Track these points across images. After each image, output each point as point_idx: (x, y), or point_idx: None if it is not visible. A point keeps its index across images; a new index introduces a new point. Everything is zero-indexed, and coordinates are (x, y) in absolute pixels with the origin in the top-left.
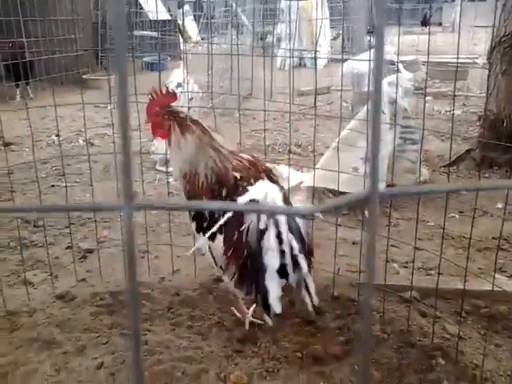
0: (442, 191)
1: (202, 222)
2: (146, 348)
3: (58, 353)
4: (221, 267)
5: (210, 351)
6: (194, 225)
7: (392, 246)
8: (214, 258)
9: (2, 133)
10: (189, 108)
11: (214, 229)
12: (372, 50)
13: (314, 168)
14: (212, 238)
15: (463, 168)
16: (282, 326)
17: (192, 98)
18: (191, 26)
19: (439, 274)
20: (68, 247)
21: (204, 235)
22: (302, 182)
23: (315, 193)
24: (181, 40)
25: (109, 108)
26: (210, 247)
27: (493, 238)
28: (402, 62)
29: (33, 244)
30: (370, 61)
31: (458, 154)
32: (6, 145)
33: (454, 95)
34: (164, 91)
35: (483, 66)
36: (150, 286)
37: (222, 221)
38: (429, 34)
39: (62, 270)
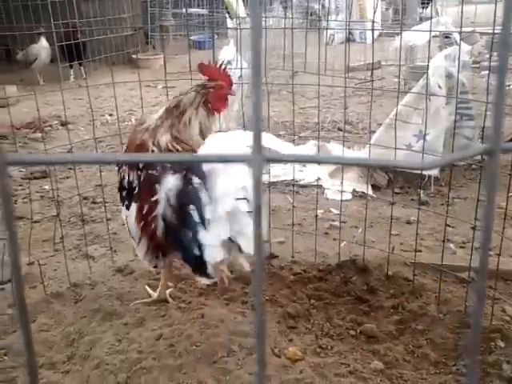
0: None
1: (122, 191)
2: (203, 321)
3: (119, 323)
4: (133, 238)
5: None
6: (118, 195)
7: (448, 225)
8: (128, 228)
9: (62, 112)
10: (241, 85)
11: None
12: (426, 22)
13: (367, 145)
14: (127, 207)
15: None
16: (335, 304)
17: (241, 76)
18: (238, 2)
19: (498, 254)
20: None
21: (123, 205)
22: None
23: (367, 171)
24: (227, 17)
25: (159, 87)
26: (126, 217)
27: None
28: (458, 33)
29: (92, 220)
30: (427, 32)
31: None
32: (63, 124)
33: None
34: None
35: None
36: None
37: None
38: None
39: (120, 245)
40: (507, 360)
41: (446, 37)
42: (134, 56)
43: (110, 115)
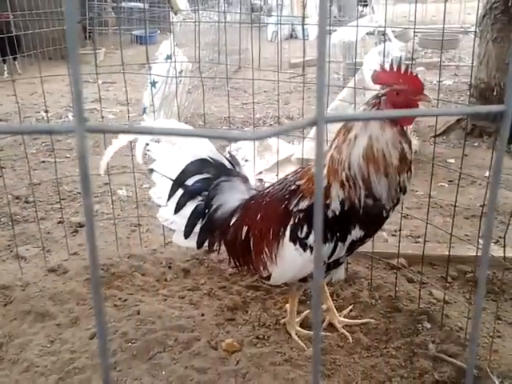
0: None
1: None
2: (139, 318)
3: (51, 324)
4: None
5: (201, 320)
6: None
7: None
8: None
9: None
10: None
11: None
12: (361, 19)
13: (303, 139)
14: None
15: (453, 138)
16: (272, 294)
17: (182, 71)
18: None
19: (425, 241)
20: (59, 222)
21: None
22: (292, 155)
23: (306, 164)
24: (171, 12)
25: (99, 82)
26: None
27: (480, 205)
28: (392, 31)
29: (24, 220)
30: (357, 28)
31: (448, 124)
32: None
33: (441, 65)
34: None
35: (474, 33)
36: (142, 258)
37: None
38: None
39: (53, 245)
40: (432, 340)
41: (383, 34)
42: None
43: (46, 112)
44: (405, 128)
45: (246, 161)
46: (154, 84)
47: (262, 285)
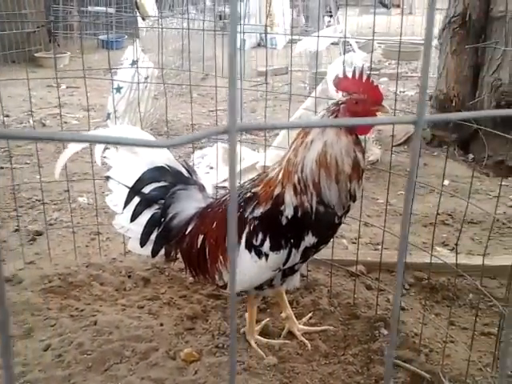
0: None
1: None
2: (95, 328)
3: None
4: None
5: (160, 330)
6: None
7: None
8: None
9: None
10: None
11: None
12: (326, 29)
13: (266, 148)
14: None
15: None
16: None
17: (148, 77)
18: (148, 2)
19: (383, 247)
20: (16, 230)
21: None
22: (257, 162)
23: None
24: (139, 17)
25: (63, 87)
26: None
27: (437, 214)
28: (356, 42)
29: None
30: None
31: (409, 134)
32: None
33: (397, 75)
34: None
35: (435, 46)
36: (101, 267)
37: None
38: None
39: (9, 253)
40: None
41: (349, 44)
42: (36, 54)
43: (7, 116)
44: (360, 137)
45: (211, 168)
46: (118, 89)
47: (223, 293)
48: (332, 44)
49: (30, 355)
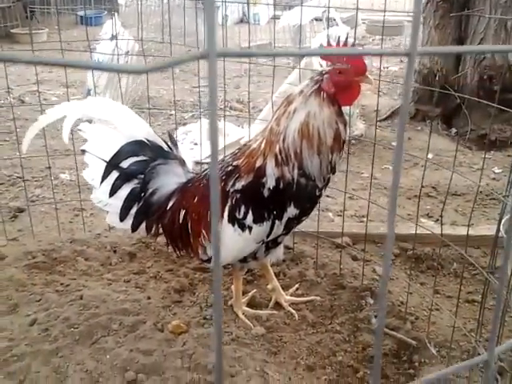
0: None
1: None
2: (82, 303)
3: None
4: None
5: (147, 303)
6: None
7: (327, 196)
8: None
9: None
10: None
11: None
12: (309, 1)
13: (250, 121)
14: None
15: (398, 122)
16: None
17: (128, 52)
18: None
19: (369, 220)
20: None
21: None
22: (242, 138)
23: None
24: None
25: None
26: None
27: (422, 186)
28: (340, 17)
29: None
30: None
31: (393, 109)
32: None
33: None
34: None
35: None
36: (86, 243)
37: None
38: None
39: None
40: (375, 315)
41: (334, 19)
42: (12, 30)
43: None
44: (345, 111)
45: (196, 144)
46: None
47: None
48: (316, 20)
49: (16, 330)
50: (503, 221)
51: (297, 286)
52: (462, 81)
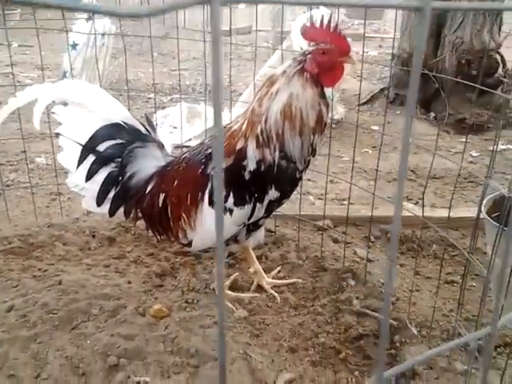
0: None
1: None
2: (60, 288)
3: None
4: None
5: (128, 287)
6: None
7: (308, 180)
8: None
9: None
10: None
11: None
12: None
13: (236, 104)
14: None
15: (378, 106)
16: (201, 259)
17: (105, 33)
18: None
19: (350, 203)
20: None
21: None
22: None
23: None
24: None
25: (14, 45)
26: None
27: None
28: None
29: None
30: None
31: (372, 93)
32: None
33: (364, 36)
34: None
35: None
36: (63, 228)
37: None
38: None
39: None
40: (357, 296)
41: None
42: None
43: None
44: (325, 90)
45: (175, 128)
46: (74, 46)
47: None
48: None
49: None
50: (484, 202)
51: (279, 268)
52: (440, 65)
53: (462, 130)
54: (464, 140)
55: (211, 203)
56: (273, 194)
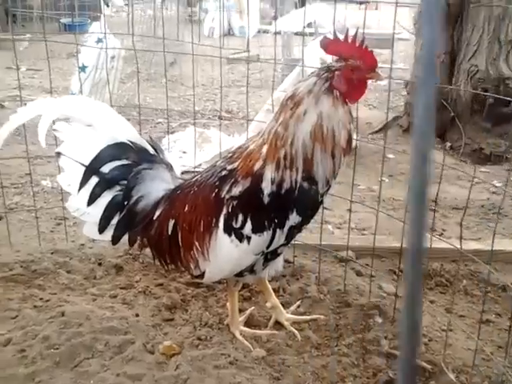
0: None
1: None
2: (63, 320)
3: None
4: None
5: (136, 321)
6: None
7: (325, 208)
8: None
9: None
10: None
11: None
12: (297, 11)
13: (247, 130)
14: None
15: (390, 135)
16: (214, 291)
17: (114, 57)
18: None
19: (375, 232)
20: None
21: None
22: (232, 147)
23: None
24: (102, 3)
25: (23, 69)
26: None
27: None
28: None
29: None
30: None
31: (385, 122)
32: None
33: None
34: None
35: (410, 33)
36: (68, 254)
37: None
38: None
39: None
40: (385, 335)
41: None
42: None
43: None
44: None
45: (184, 153)
46: (83, 69)
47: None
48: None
49: None
50: None
51: (298, 303)
52: (455, 94)
53: (478, 159)
54: (483, 170)
55: (227, 229)
56: (294, 218)
